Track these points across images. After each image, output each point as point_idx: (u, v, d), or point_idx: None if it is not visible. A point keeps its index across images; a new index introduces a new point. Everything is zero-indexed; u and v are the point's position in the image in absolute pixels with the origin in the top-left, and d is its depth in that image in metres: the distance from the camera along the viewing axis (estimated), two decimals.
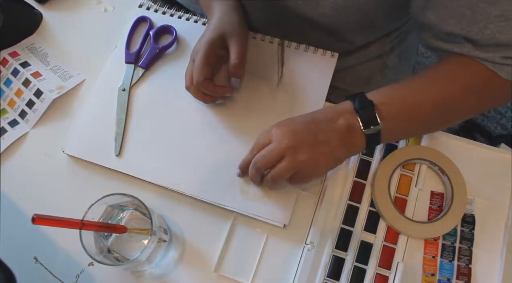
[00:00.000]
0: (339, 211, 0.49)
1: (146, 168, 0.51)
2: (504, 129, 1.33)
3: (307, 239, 0.48)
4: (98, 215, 0.44)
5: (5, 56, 0.59)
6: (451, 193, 0.48)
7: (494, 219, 0.48)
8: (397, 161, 0.50)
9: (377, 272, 0.46)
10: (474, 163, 0.51)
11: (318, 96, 0.54)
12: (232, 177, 0.50)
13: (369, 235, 0.48)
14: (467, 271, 0.46)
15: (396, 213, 0.47)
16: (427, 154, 0.50)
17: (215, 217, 0.50)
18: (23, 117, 0.56)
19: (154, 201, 0.51)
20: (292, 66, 0.56)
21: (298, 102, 0.54)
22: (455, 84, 0.44)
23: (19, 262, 0.48)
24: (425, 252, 0.47)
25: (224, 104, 0.54)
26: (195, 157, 0.52)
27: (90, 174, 0.52)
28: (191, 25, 0.60)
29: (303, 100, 0.54)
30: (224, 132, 0.53)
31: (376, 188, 0.49)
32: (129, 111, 0.55)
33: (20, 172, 0.53)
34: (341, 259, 0.47)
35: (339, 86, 0.65)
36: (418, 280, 0.46)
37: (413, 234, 0.47)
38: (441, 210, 0.49)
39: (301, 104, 0.54)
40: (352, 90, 0.66)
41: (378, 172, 0.49)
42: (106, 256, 0.44)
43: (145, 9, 0.61)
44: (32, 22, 0.62)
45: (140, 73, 0.56)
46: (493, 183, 0.50)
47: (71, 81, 0.58)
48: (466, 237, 0.47)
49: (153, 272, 0.48)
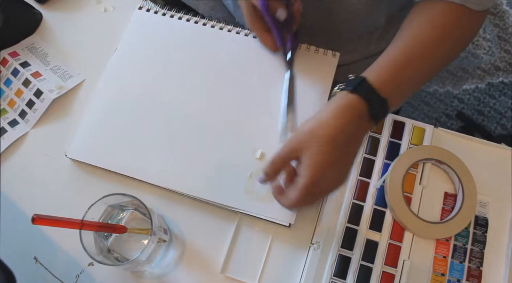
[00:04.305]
0: (344, 210, 0.48)
1: (150, 170, 0.51)
2: (504, 129, 1.33)
3: (313, 239, 0.47)
4: (98, 215, 0.44)
5: (5, 56, 0.58)
6: (462, 194, 0.48)
7: (505, 218, 0.48)
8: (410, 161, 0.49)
9: (384, 270, 0.46)
10: (481, 161, 0.50)
11: (320, 96, 0.53)
12: (236, 177, 0.50)
13: (374, 233, 0.47)
14: (478, 273, 0.45)
15: (410, 215, 0.47)
16: (440, 155, 0.49)
17: (219, 218, 0.49)
18: (23, 117, 0.56)
19: (154, 201, 0.50)
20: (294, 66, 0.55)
21: (300, 101, 0.53)
22: (433, 30, 0.45)
23: (19, 262, 0.47)
24: (436, 252, 0.47)
25: (225, 101, 0.54)
26: (198, 158, 0.51)
27: (90, 174, 0.52)
28: (191, 26, 0.59)
29: (305, 100, 0.53)
30: (226, 131, 0.52)
31: (390, 192, 0.48)
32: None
33: (20, 172, 0.53)
34: (347, 258, 0.46)
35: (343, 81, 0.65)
36: (426, 279, 0.45)
37: (426, 234, 0.47)
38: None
39: (304, 104, 0.53)
40: None
41: (391, 175, 0.49)
42: (106, 256, 0.44)
43: (145, 10, 0.60)
44: (32, 22, 0.61)
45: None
46: (500, 181, 0.49)
47: (71, 81, 0.57)
48: (478, 239, 0.47)
49: (153, 272, 0.47)
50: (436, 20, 0.45)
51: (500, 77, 1.40)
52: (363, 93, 0.41)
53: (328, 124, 0.40)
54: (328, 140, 0.40)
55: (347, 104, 0.41)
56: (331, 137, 0.40)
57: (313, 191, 0.40)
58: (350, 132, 0.41)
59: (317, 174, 0.39)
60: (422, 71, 0.45)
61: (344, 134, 0.40)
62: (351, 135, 0.41)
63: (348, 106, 0.41)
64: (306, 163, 0.40)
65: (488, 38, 1.43)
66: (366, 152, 0.51)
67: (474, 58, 1.42)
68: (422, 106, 1.39)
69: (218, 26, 0.58)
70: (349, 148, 0.41)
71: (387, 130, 0.52)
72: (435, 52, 0.45)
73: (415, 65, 0.44)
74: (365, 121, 0.42)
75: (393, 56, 0.44)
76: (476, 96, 1.38)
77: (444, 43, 0.46)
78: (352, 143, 0.42)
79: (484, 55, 1.42)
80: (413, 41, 0.45)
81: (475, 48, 1.43)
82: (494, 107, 1.36)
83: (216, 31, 0.58)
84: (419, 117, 1.37)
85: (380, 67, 0.44)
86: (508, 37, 1.43)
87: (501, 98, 1.37)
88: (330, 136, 0.40)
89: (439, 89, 1.40)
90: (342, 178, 0.42)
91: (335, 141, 0.40)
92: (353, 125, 0.41)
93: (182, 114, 0.54)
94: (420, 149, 0.50)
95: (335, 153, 0.40)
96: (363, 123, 0.42)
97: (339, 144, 0.40)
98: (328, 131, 0.40)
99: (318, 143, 0.40)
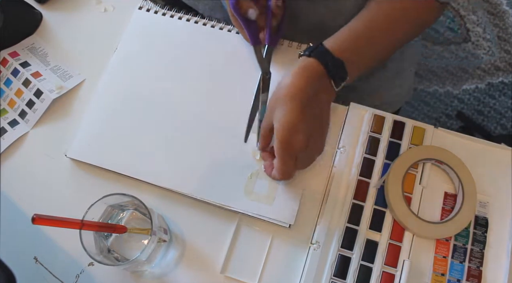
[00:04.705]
0: (344, 210, 0.48)
1: (149, 170, 0.51)
2: (504, 129, 1.33)
3: (313, 239, 0.47)
4: (98, 215, 0.44)
5: (5, 56, 0.58)
6: (462, 193, 0.48)
7: (505, 218, 0.48)
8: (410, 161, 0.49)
9: (384, 270, 0.46)
10: (481, 161, 0.50)
11: None
12: (236, 178, 0.50)
13: (374, 233, 0.47)
14: (478, 273, 0.45)
15: (410, 215, 0.47)
16: (439, 155, 0.49)
17: (219, 218, 0.49)
18: (23, 117, 0.56)
19: (154, 201, 0.50)
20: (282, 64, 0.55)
21: None
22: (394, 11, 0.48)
23: (19, 262, 0.48)
24: (436, 252, 0.47)
25: (226, 101, 0.54)
26: (198, 158, 0.51)
27: (90, 174, 0.52)
28: (191, 26, 0.59)
29: None
30: (226, 132, 0.52)
31: (390, 192, 0.48)
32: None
33: (20, 172, 0.53)
34: (347, 258, 0.46)
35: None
36: (427, 279, 0.45)
37: (426, 234, 0.47)
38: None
39: None
40: (355, 84, 0.65)
41: (391, 174, 0.49)
42: (106, 256, 0.44)
43: (145, 10, 0.60)
44: (32, 22, 0.61)
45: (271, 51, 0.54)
46: (500, 181, 0.49)
47: (71, 81, 0.57)
48: (478, 239, 0.47)
49: (153, 272, 0.47)
50: (398, 1, 0.48)
51: (500, 77, 1.40)
52: (318, 54, 0.44)
53: (287, 84, 0.43)
54: (289, 98, 0.42)
55: (304, 65, 0.44)
56: (291, 95, 0.42)
57: (289, 152, 0.42)
58: (311, 92, 0.43)
59: (286, 133, 0.41)
60: (378, 43, 0.49)
61: (304, 92, 0.42)
62: (313, 95, 0.43)
63: (305, 67, 0.44)
64: (275, 125, 0.42)
65: (488, 38, 1.43)
66: (366, 152, 0.51)
67: (474, 58, 1.42)
68: (422, 106, 1.39)
69: (218, 26, 0.58)
70: (313, 109, 0.43)
71: (387, 130, 0.52)
72: (391, 29, 0.49)
73: (371, 35, 0.48)
74: (326, 83, 0.45)
75: (352, 26, 0.48)
76: (476, 96, 1.38)
77: (400, 24, 0.49)
78: (316, 104, 0.44)
79: (484, 55, 1.42)
80: (373, 16, 0.49)
81: (475, 48, 1.43)
82: (494, 107, 1.37)
83: (216, 31, 0.58)
84: (419, 117, 1.37)
85: (338, 34, 0.47)
86: (508, 37, 1.43)
87: (501, 98, 1.37)
88: (291, 94, 0.42)
89: (439, 89, 1.41)
90: (315, 138, 0.44)
91: (296, 98, 0.42)
92: (313, 85, 0.43)
93: (182, 114, 0.54)
94: (420, 149, 0.50)
95: (298, 110, 0.42)
96: (324, 84, 0.44)
97: (301, 102, 0.42)
98: (288, 90, 0.42)
99: (281, 103, 0.42)
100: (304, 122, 0.42)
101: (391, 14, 0.48)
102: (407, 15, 0.49)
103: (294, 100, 0.42)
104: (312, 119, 0.43)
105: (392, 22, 0.49)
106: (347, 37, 0.47)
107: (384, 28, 0.48)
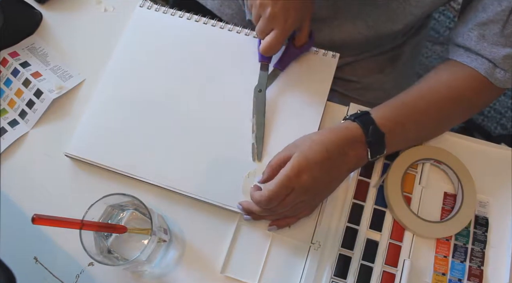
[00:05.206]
0: (344, 210, 0.48)
1: (149, 170, 0.51)
2: (504, 129, 1.33)
3: (313, 238, 0.47)
4: (98, 215, 0.44)
5: (5, 56, 0.58)
6: (461, 193, 0.48)
7: (505, 218, 0.48)
8: (409, 161, 0.49)
9: (384, 269, 0.46)
10: (481, 161, 0.50)
11: (319, 97, 0.53)
12: (233, 177, 0.50)
13: (374, 233, 0.47)
14: (479, 273, 0.46)
15: (410, 214, 0.47)
16: (438, 155, 0.49)
17: (219, 218, 0.49)
18: (23, 117, 0.56)
19: (154, 201, 0.50)
20: (293, 66, 0.55)
21: (298, 103, 0.53)
22: (450, 89, 0.47)
23: (19, 262, 0.47)
24: (437, 251, 0.47)
25: (225, 101, 0.54)
26: (196, 157, 0.51)
27: (90, 174, 0.52)
28: (192, 25, 0.59)
29: (303, 101, 0.53)
30: (225, 131, 0.52)
31: (390, 192, 0.48)
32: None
33: (20, 172, 0.53)
34: (348, 257, 0.46)
35: (352, 79, 0.65)
36: (427, 278, 0.45)
37: (425, 233, 0.47)
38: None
39: (301, 105, 0.53)
40: (364, 82, 0.65)
41: (390, 174, 0.49)
42: (106, 256, 0.44)
43: (145, 8, 0.60)
44: (32, 22, 0.61)
45: (277, 74, 0.54)
46: (500, 181, 0.49)
47: (71, 81, 0.57)
48: (479, 239, 0.47)
49: (153, 272, 0.47)
50: (457, 82, 0.47)
51: None
52: (362, 121, 0.44)
53: (323, 133, 0.43)
54: (319, 143, 0.42)
55: (344, 125, 0.44)
56: (321, 142, 0.42)
57: (289, 185, 0.41)
58: (342, 149, 0.43)
59: (301, 166, 0.40)
60: (426, 122, 0.47)
61: (336, 146, 0.42)
62: (342, 152, 0.43)
63: (345, 127, 0.44)
64: (294, 155, 0.41)
65: None
66: None
67: None
68: None
69: (219, 25, 0.58)
70: (338, 164, 0.43)
71: None
72: (443, 109, 0.47)
73: (420, 113, 0.46)
74: (360, 146, 0.44)
75: (403, 99, 0.47)
76: None
77: (455, 105, 0.47)
78: (342, 160, 0.43)
79: None
80: (427, 93, 0.47)
81: None
82: (494, 107, 1.36)
83: (217, 30, 0.58)
84: None
85: (386, 105, 0.47)
86: None
87: (501, 98, 1.37)
88: (321, 141, 0.42)
89: None
90: (320, 189, 0.44)
91: (324, 145, 0.42)
92: (346, 143, 0.43)
93: (181, 113, 0.54)
94: (419, 149, 0.50)
95: (322, 155, 0.41)
96: (358, 146, 0.44)
97: (327, 151, 0.42)
98: (321, 137, 0.43)
99: (310, 141, 0.42)
100: (319, 169, 0.41)
101: (448, 94, 0.47)
102: (463, 98, 0.47)
103: (323, 145, 0.42)
104: (326, 174, 0.42)
105: (445, 101, 0.47)
106: (394, 110, 0.46)
107: (435, 106, 0.47)
